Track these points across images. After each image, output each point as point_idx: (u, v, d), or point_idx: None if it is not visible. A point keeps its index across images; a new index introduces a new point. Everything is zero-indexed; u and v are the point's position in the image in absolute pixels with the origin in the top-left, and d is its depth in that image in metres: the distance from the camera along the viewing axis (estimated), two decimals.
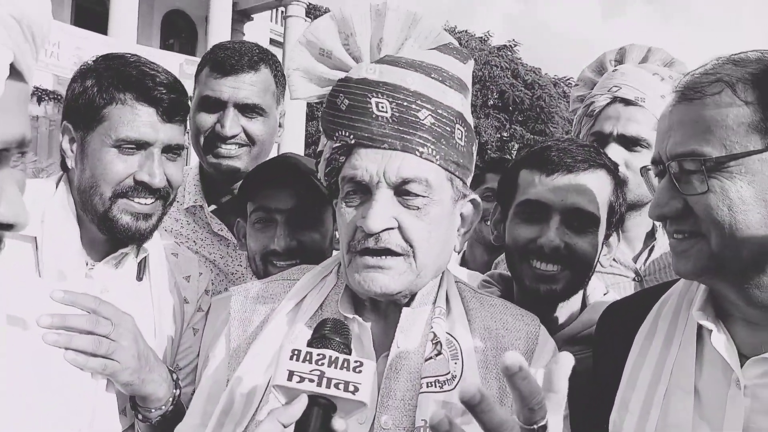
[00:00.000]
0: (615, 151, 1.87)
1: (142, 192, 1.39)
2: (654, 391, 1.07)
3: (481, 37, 41.10)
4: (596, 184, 1.43)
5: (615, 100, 1.91)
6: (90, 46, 16.94)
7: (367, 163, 1.10)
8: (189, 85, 1.93)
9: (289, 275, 1.31)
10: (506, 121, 36.26)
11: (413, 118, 1.12)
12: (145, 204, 1.40)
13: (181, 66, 18.20)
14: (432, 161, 1.12)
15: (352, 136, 1.13)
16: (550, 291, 1.43)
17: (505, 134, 35.85)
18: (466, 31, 40.47)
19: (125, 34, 19.07)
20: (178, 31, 26.15)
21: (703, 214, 0.96)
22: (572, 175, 1.41)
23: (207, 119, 1.84)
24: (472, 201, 1.24)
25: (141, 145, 1.38)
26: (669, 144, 0.99)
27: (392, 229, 1.10)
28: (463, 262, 2.89)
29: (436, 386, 1.08)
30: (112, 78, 1.38)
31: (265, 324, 1.20)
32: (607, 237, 1.50)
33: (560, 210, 1.41)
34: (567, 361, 0.75)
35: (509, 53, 40.08)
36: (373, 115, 1.12)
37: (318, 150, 1.25)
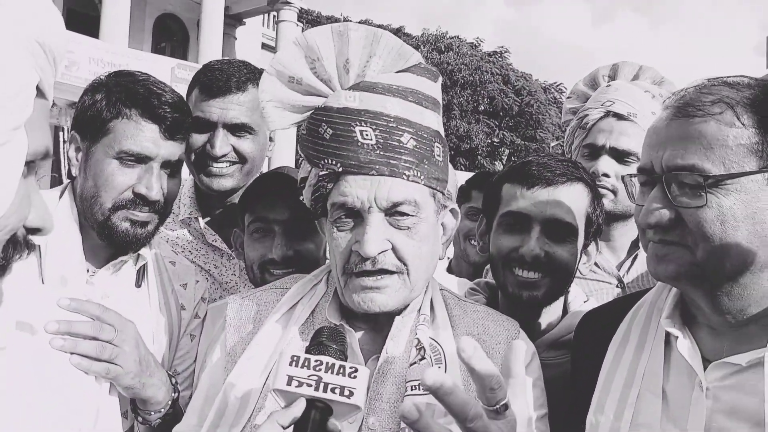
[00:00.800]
0: (606, 163, 1.94)
1: (140, 204, 1.47)
2: (627, 394, 1.14)
3: (472, 43, 41.29)
4: (574, 196, 1.52)
5: (608, 114, 1.98)
6: (82, 50, 16.91)
7: (356, 190, 1.15)
8: (181, 90, 2.00)
9: (282, 284, 1.38)
10: (496, 126, 36.44)
11: (397, 143, 1.16)
12: (143, 214, 1.47)
13: (172, 70, 18.19)
14: (418, 182, 1.18)
15: (339, 165, 1.17)
16: (531, 297, 1.52)
17: (495, 140, 36.03)
18: (457, 37, 40.67)
19: (117, 37, 19.03)
20: (170, 35, 26.11)
21: (695, 226, 1.01)
22: (551, 188, 1.50)
23: (198, 139, 1.89)
24: (452, 210, 1.31)
25: (142, 159, 1.46)
26: (666, 156, 1.03)
27: (386, 250, 1.17)
28: (449, 272, 2.98)
29: (420, 389, 1.13)
30: (121, 93, 1.46)
31: (259, 329, 1.26)
32: (585, 246, 1.58)
33: (540, 221, 1.50)
34: (519, 348, 0.86)
35: (500, 59, 40.26)
36: (359, 143, 1.15)
37: (301, 176, 1.29)
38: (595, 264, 1.96)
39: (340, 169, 1.17)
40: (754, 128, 0.99)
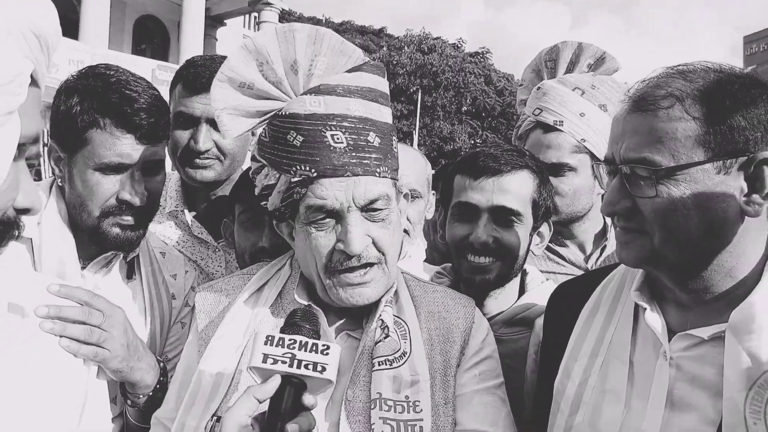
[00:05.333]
0: None
1: (126, 210, 1.50)
2: (594, 361, 1.20)
3: (455, 44, 41.47)
4: (519, 183, 1.60)
5: (536, 125, 2.03)
6: (61, 52, 16.73)
7: (334, 192, 1.19)
8: (162, 91, 2.02)
9: (248, 270, 1.45)
10: (479, 127, 36.65)
11: (365, 143, 1.21)
12: (130, 218, 1.51)
13: (153, 72, 18.04)
14: (387, 177, 1.25)
15: (313, 170, 1.19)
16: (484, 280, 1.61)
17: (478, 141, 36.24)
18: (440, 38, 40.84)
19: (97, 39, 18.88)
20: (150, 37, 25.94)
21: (649, 215, 1.06)
22: (496, 178, 1.59)
23: (182, 135, 1.94)
24: (404, 195, 1.38)
25: (121, 168, 1.48)
26: (622, 148, 1.08)
27: (368, 245, 1.23)
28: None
29: (386, 364, 1.22)
30: (93, 101, 1.45)
31: (227, 311, 1.33)
32: (535, 228, 1.66)
33: (487, 209, 1.59)
34: None
35: (482, 60, 40.47)
36: (331, 147, 1.19)
37: (265, 184, 1.28)
38: (563, 258, 2.05)
39: (315, 174, 1.20)
40: (702, 120, 1.02)
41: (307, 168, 1.19)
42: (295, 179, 1.21)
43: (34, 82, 0.82)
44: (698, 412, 1.05)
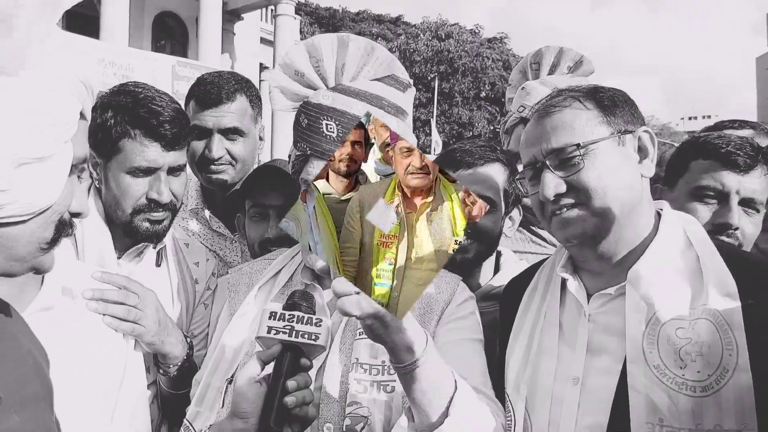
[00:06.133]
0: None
1: (155, 208, 1.75)
2: (535, 330, 1.46)
3: (472, 29, 41.15)
4: (491, 174, 1.84)
5: (520, 121, 2.24)
6: (84, 49, 17.14)
7: (317, 171, 1.42)
8: (182, 87, 2.29)
9: (270, 256, 1.69)
10: (497, 113, 36.45)
11: None
12: (158, 214, 1.75)
13: (173, 68, 18.31)
14: None
15: (309, 150, 1.44)
16: (464, 259, 1.84)
17: (498, 127, 36.03)
18: (457, 24, 40.59)
19: (117, 37, 19.21)
20: (170, 33, 26.27)
21: (582, 185, 1.33)
22: (471, 170, 1.82)
23: (198, 145, 2.21)
24: None
25: (150, 171, 1.73)
26: (543, 146, 1.36)
27: None
28: None
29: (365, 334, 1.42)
30: (124, 115, 1.70)
31: (249, 292, 1.56)
32: (507, 213, 1.90)
33: None
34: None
35: (500, 45, 40.06)
36: (324, 134, 1.41)
37: (288, 154, 1.58)
38: (545, 240, 2.26)
39: (309, 153, 1.44)
40: (595, 109, 1.35)
41: (305, 147, 1.44)
42: (298, 153, 1.46)
43: (82, 116, 1.05)
44: (610, 354, 1.33)
